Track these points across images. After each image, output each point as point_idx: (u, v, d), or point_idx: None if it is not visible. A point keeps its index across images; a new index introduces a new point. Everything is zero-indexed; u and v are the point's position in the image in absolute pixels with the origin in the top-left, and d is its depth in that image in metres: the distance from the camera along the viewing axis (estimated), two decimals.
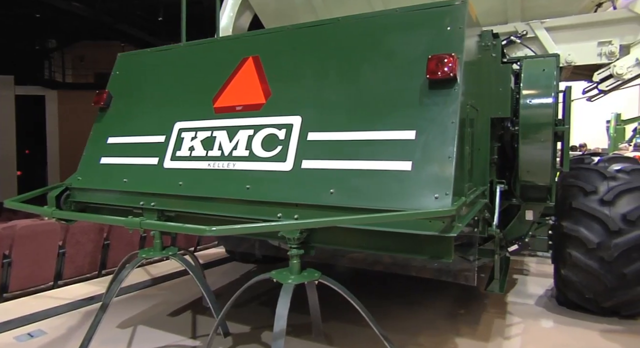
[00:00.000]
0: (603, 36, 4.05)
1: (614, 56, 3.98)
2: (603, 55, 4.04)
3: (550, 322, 4.08)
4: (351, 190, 2.28)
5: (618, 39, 3.98)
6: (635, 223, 3.74)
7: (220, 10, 5.39)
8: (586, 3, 4.20)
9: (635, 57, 3.91)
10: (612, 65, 4.00)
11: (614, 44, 3.98)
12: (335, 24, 2.81)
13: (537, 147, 3.28)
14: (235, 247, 5.52)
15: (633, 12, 3.92)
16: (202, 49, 3.44)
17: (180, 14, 4.31)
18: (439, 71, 2.18)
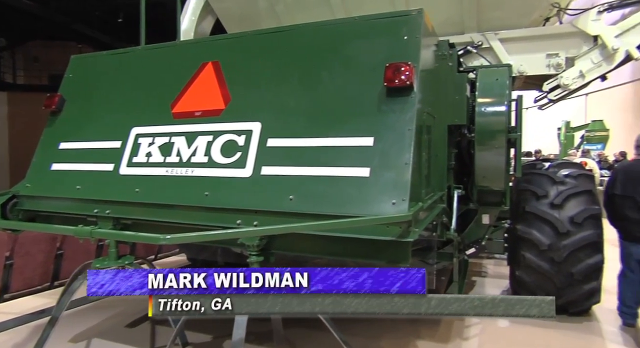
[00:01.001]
0: (551, 49, 4.27)
1: (560, 68, 4.21)
2: (551, 66, 4.27)
3: (506, 321, 4.23)
4: (310, 196, 2.29)
5: (564, 52, 4.21)
6: (582, 225, 3.95)
7: (182, 14, 5.30)
8: (535, 17, 4.42)
9: (579, 69, 4.15)
10: (560, 76, 4.23)
11: (561, 56, 4.21)
12: (295, 30, 2.83)
13: (492, 154, 3.41)
14: (197, 254, 5.41)
15: (576, 27, 4.17)
16: (161, 53, 3.37)
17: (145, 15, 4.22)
18: (396, 79, 2.24)
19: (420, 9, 2.47)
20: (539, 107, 5.18)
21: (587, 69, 4.20)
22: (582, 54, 4.20)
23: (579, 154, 11.41)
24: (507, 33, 4.39)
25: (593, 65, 4.16)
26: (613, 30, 4.08)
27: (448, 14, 4.46)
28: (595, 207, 4.05)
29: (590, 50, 4.17)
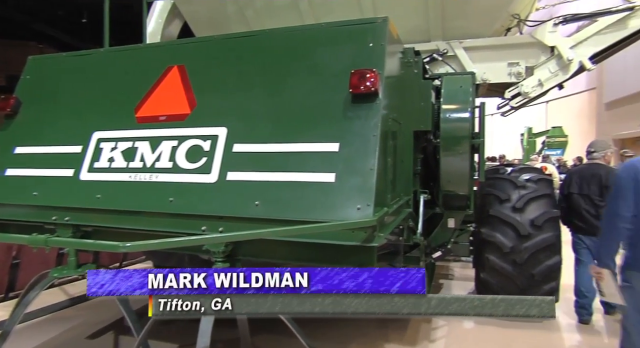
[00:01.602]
0: (512, 58, 4.43)
1: (521, 76, 4.37)
2: (512, 75, 4.42)
3: (472, 322, 4.33)
4: (276, 202, 2.28)
5: (524, 61, 4.38)
6: (542, 227, 4.10)
7: (148, 16, 5.20)
8: (497, 27, 4.57)
9: (538, 78, 4.32)
10: (520, 84, 4.39)
11: (521, 65, 4.37)
12: (262, 35, 2.82)
13: (456, 159, 3.50)
14: (164, 261, 5.27)
15: (535, 38, 4.34)
16: (125, 56, 3.29)
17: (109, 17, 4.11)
18: (361, 86, 2.26)
19: (385, 17, 2.51)
20: (502, 113, 5.36)
21: (545, 78, 4.37)
22: (540, 64, 4.37)
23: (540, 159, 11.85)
24: (471, 42, 4.52)
25: (550, 75, 4.34)
26: (568, 42, 4.27)
27: (415, 22, 4.55)
28: (554, 210, 4.22)
29: (547, 60, 4.35)
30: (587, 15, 4.37)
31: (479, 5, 4.30)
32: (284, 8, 4.81)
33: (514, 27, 4.93)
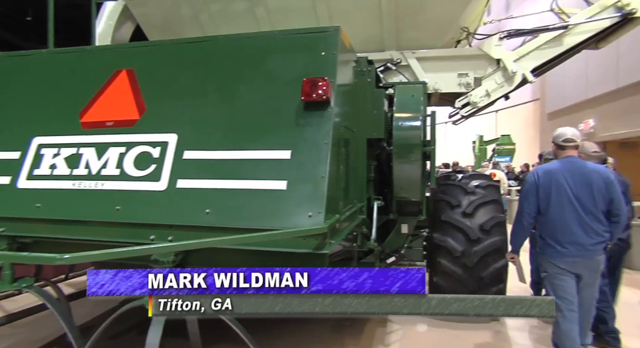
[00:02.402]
0: (461, 69, 4.62)
1: (470, 86, 4.56)
2: (462, 85, 4.60)
3: (425, 326, 4.42)
4: (227, 210, 2.25)
5: (472, 72, 4.57)
6: (490, 232, 4.27)
7: (97, 18, 5.02)
8: (448, 39, 4.76)
9: (485, 89, 4.53)
10: (469, 94, 4.57)
11: (470, 76, 4.57)
12: (215, 41, 2.79)
13: (409, 166, 3.58)
14: None
15: (482, 51, 4.55)
16: (71, 58, 3.15)
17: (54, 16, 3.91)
18: (313, 94, 2.28)
19: (337, 26, 2.55)
20: (453, 122, 5.55)
21: (492, 89, 4.58)
22: (487, 75, 4.58)
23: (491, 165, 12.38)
24: (423, 52, 4.67)
25: (497, 86, 4.56)
26: (512, 55, 4.51)
27: (370, 32, 4.66)
28: (501, 215, 4.40)
29: (494, 72, 4.56)
30: (528, 31, 4.63)
31: (430, 17, 4.45)
32: (240, 14, 4.79)
33: (464, 40, 5.15)
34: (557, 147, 3.20)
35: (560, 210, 3.06)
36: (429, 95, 4.83)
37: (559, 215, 3.06)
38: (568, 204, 3.04)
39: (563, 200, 3.06)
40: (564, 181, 3.06)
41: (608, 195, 3.02)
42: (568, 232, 3.03)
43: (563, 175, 3.07)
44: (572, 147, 3.16)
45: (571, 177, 3.06)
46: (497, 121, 19.07)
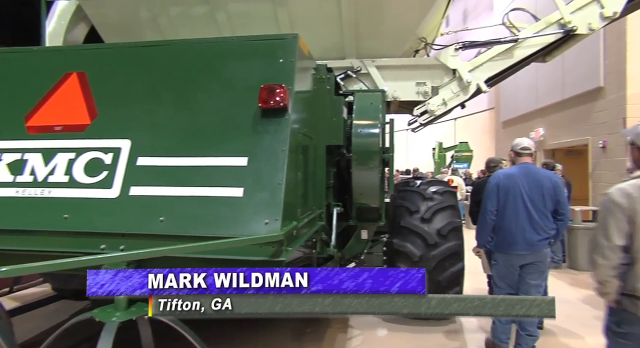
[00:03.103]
0: (419, 78, 4.74)
1: (427, 95, 4.69)
2: (420, 93, 4.72)
3: (385, 330, 4.48)
4: (182, 217, 2.21)
5: (430, 81, 4.70)
6: (447, 236, 4.39)
7: (47, 17, 4.81)
8: (406, 48, 4.88)
9: (442, 97, 4.67)
10: (427, 103, 4.70)
11: (427, 85, 4.69)
12: (171, 46, 2.75)
13: (368, 172, 3.63)
14: (64, 284, 4.83)
15: (439, 61, 4.70)
16: (17, 58, 3.00)
17: None
18: (270, 100, 2.28)
19: (295, 34, 2.57)
20: (412, 129, 5.68)
21: (449, 98, 4.73)
22: (444, 84, 4.72)
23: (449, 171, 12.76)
24: (383, 61, 4.76)
25: (453, 95, 4.71)
26: (467, 66, 4.67)
27: (331, 40, 4.70)
28: (457, 220, 4.54)
29: (450, 81, 4.71)
30: (481, 43, 4.82)
31: (389, 27, 4.55)
32: (200, 18, 4.72)
33: (422, 50, 5.30)
34: (515, 154, 3.57)
35: (514, 209, 3.46)
36: (389, 103, 4.93)
37: (513, 213, 3.46)
38: (522, 204, 3.44)
39: (518, 201, 3.45)
40: (519, 184, 3.47)
41: (555, 197, 3.45)
42: (520, 228, 3.43)
43: (519, 179, 3.48)
44: (527, 155, 3.60)
45: (526, 180, 3.47)
46: (456, 129, 19.70)
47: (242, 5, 4.53)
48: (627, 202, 2.14)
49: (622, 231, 2.14)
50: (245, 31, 4.59)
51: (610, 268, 2.17)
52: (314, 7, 4.39)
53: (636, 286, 2.13)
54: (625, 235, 2.14)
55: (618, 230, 2.15)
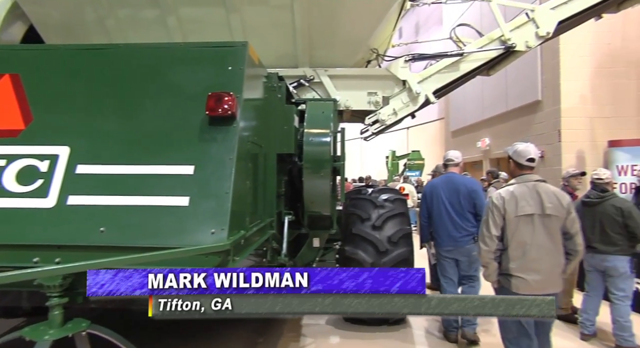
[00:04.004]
0: (371, 88, 4.85)
1: (378, 105, 4.81)
2: (371, 103, 4.83)
3: (337, 337, 4.50)
4: (125, 227, 2.12)
5: (381, 91, 4.83)
6: (397, 243, 4.48)
7: None
8: (358, 59, 4.98)
9: (392, 107, 4.80)
10: (378, 112, 4.81)
11: (379, 95, 4.81)
12: (116, 50, 2.65)
13: (319, 181, 3.65)
14: None
15: (390, 72, 4.83)
16: None
17: None
18: (218, 108, 2.25)
19: (245, 41, 2.56)
20: (364, 138, 5.79)
21: (399, 108, 4.87)
22: (394, 95, 4.86)
23: (401, 179, 13.09)
24: (335, 70, 4.83)
25: (403, 105, 4.85)
26: (416, 77, 4.84)
27: (284, 49, 4.72)
28: (407, 227, 4.64)
29: (400, 92, 4.86)
30: (430, 56, 5.01)
31: (342, 37, 4.64)
32: (150, 22, 4.59)
33: (374, 60, 5.43)
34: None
35: (439, 212, 4.23)
36: (341, 112, 5.00)
37: (439, 215, 4.23)
38: (443, 208, 4.21)
39: (440, 205, 4.23)
40: (441, 191, 4.25)
41: (472, 200, 4.11)
42: (444, 228, 4.20)
43: (441, 187, 4.26)
44: (453, 165, 4.37)
45: (446, 188, 4.24)
46: (409, 137, 20.27)
47: (194, 11, 4.46)
48: (501, 203, 2.89)
49: (497, 225, 2.89)
50: (197, 37, 4.52)
51: (490, 253, 2.91)
52: (267, 15, 4.40)
53: (508, 266, 2.87)
54: (500, 227, 2.88)
55: (495, 224, 2.89)
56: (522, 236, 2.84)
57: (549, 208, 2.83)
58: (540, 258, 2.83)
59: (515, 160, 3.07)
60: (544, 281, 2.82)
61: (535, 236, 2.83)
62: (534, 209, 2.84)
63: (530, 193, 2.88)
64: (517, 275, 2.83)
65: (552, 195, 2.89)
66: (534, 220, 2.84)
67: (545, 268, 2.83)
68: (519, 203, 2.86)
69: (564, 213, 2.86)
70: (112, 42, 4.37)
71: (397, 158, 17.59)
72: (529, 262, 2.82)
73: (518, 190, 2.91)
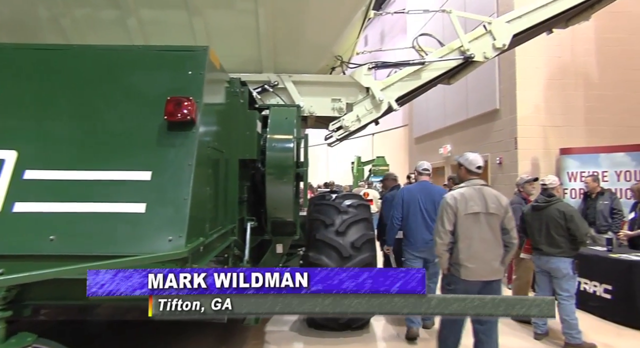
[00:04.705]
0: (335, 94, 4.90)
1: (342, 111, 4.86)
2: (335, 109, 4.88)
3: (301, 344, 4.48)
4: (77, 236, 2.04)
5: (345, 98, 4.88)
6: (360, 249, 4.52)
7: None
8: (322, 65, 5.02)
9: (356, 114, 4.86)
10: (342, 119, 4.86)
11: (342, 101, 4.86)
12: (69, 50, 2.55)
13: (282, 187, 3.64)
14: None
15: (353, 79, 4.90)
16: None
17: None
18: (177, 113, 2.21)
19: (206, 46, 2.53)
20: (329, 144, 5.83)
21: (362, 114, 4.94)
22: (358, 102, 4.93)
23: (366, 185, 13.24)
24: (300, 77, 4.85)
25: (366, 112, 4.93)
26: (379, 85, 4.93)
27: (249, 54, 4.69)
28: (370, 232, 4.70)
29: (364, 99, 4.93)
30: (392, 64, 5.12)
31: (306, 43, 4.66)
32: (109, 23, 4.45)
33: (338, 67, 5.48)
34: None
35: (415, 217, 4.49)
36: (305, 118, 5.02)
37: (415, 220, 4.49)
38: (419, 213, 4.50)
39: (417, 211, 4.50)
40: (418, 198, 4.51)
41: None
42: (419, 231, 4.48)
43: (418, 194, 4.50)
44: (426, 174, 4.68)
45: (423, 195, 4.53)
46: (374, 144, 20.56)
47: (155, 13, 4.36)
48: (454, 203, 3.34)
49: (450, 221, 3.33)
50: (159, 39, 4.42)
51: (444, 245, 3.36)
52: (231, 19, 4.36)
53: (458, 256, 3.32)
54: (452, 224, 3.32)
55: (448, 220, 3.33)
56: (469, 231, 3.31)
57: (492, 208, 3.33)
58: (484, 250, 3.31)
59: (466, 167, 3.52)
60: (486, 269, 3.31)
61: (481, 231, 3.31)
62: (480, 208, 3.32)
63: (477, 195, 3.36)
64: (465, 264, 3.30)
65: (494, 197, 3.39)
66: (480, 218, 3.31)
67: (488, 259, 3.31)
68: (468, 203, 3.33)
69: (503, 212, 3.37)
70: (69, 43, 4.22)
71: (362, 164, 17.78)
72: (474, 253, 3.29)
73: (467, 192, 3.38)
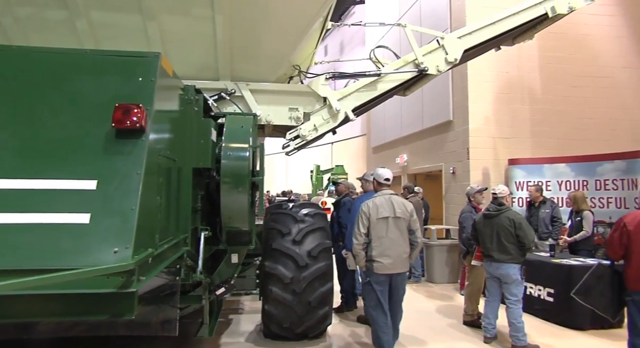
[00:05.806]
0: (292, 103, 4.91)
1: (299, 120, 4.88)
2: (292, 118, 4.89)
3: None
4: (14, 248, 1.91)
5: (302, 107, 4.91)
6: (317, 257, 4.53)
7: None
8: (280, 74, 5.04)
9: (313, 123, 4.90)
10: (299, 128, 4.88)
11: (300, 110, 4.89)
12: (7, 52, 2.42)
13: (237, 196, 3.59)
14: None
15: (311, 88, 4.94)
16: None
17: None
18: (125, 121, 2.14)
19: (157, 52, 2.48)
20: (286, 153, 5.82)
21: (319, 124, 4.98)
22: (315, 111, 4.97)
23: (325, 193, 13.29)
24: (257, 85, 4.83)
25: (323, 121, 4.97)
26: (336, 95, 4.99)
27: (204, 61, 4.63)
28: (327, 241, 4.72)
29: (321, 108, 4.98)
30: (349, 75, 5.21)
31: (264, 52, 4.65)
32: (56, 24, 4.26)
33: (296, 77, 5.51)
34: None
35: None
36: (262, 127, 5.00)
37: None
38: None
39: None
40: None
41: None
42: None
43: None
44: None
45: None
46: (333, 152, 20.73)
47: (107, 15, 4.22)
48: (367, 210, 4.14)
49: (365, 225, 4.12)
50: (112, 44, 4.28)
51: (359, 245, 4.12)
52: (186, 25, 4.29)
53: (371, 253, 4.08)
54: (366, 227, 4.10)
55: (363, 224, 4.13)
56: (380, 232, 4.08)
57: (399, 212, 4.13)
58: (392, 247, 4.07)
59: (377, 180, 4.37)
60: (394, 263, 4.07)
61: (389, 232, 4.09)
62: (389, 213, 4.11)
63: (386, 202, 4.17)
64: (377, 260, 4.04)
65: (400, 203, 4.21)
66: (388, 221, 4.11)
67: (395, 255, 4.07)
68: (379, 210, 4.12)
69: (409, 216, 4.17)
70: (10, 43, 4.01)
71: (321, 172, 17.86)
72: (384, 250, 4.06)
73: (378, 201, 4.19)
